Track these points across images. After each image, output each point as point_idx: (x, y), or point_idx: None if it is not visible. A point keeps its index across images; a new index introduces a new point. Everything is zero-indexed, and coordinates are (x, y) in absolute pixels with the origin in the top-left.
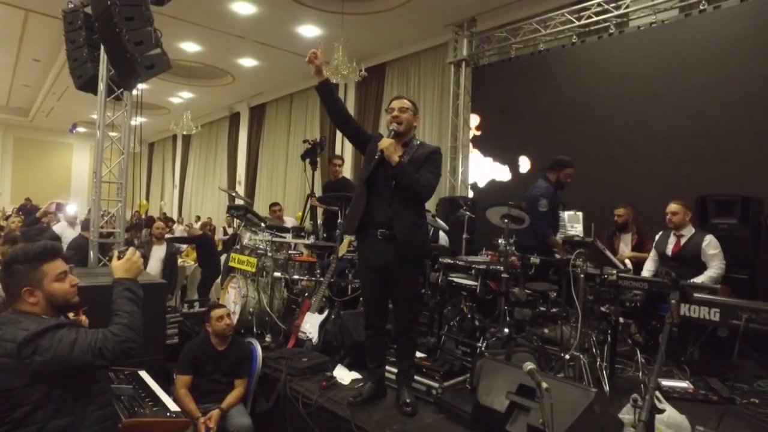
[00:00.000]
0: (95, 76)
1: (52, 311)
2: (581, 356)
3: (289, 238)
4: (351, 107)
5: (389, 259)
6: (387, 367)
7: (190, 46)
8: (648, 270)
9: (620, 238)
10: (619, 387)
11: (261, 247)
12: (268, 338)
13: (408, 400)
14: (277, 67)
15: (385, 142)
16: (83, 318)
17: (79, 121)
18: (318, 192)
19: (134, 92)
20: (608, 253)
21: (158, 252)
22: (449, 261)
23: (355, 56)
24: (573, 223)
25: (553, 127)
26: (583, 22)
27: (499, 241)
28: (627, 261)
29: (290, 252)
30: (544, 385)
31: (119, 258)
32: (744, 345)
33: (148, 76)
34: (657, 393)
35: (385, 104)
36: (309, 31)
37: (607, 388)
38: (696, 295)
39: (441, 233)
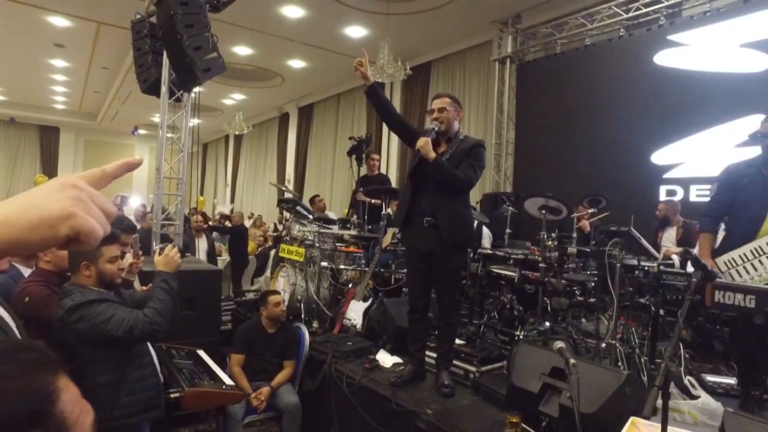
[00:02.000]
0: (158, 80)
1: (100, 285)
2: (617, 344)
3: (335, 229)
4: (397, 106)
5: (434, 246)
6: (427, 352)
7: (242, 50)
8: None
9: (664, 231)
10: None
11: (309, 238)
12: (315, 324)
13: (446, 382)
14: (324, 67)
15: (421, 142)
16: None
17: (139, 123)
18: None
19: (192, 95)
20: (644, 242)
21: (202, 245)
22: (489, 251)
23: (401, 55)
24: None
25: (595, 122)
26: (631, 14)
27: (541, 233)
28: (674, 256)
29: (336, 243)
30: (572, 361)
31: (160, 254)
32: None
33: (205, 78)
34: (693, 380)
35: (431, 103)
36: (355, 32)
37: (645, 379)
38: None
39: (484, 229)
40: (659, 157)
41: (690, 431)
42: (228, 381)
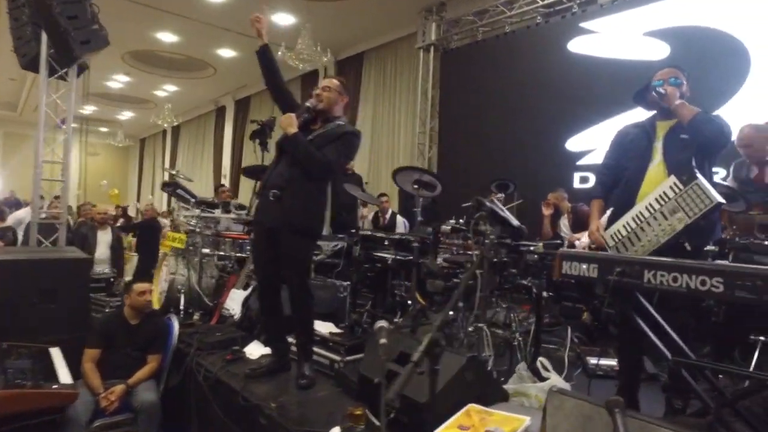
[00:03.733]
0: (39, 55)
1: None
2: (484, 327)
3: (218, 214)
4: None
5: (277, 223)
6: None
7: (166, 36)
8: None
9: (559, 221)
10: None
11: (192, 223)
12: (196, 316)
13: (306, 373)
14: (256, 57)
15: (284, 117)
16: None
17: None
18: None
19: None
20: (507, 213)
21: (104, 237)
22: (367, 232)
23: (332, 46)
24: None
25: (515, 109)
26: (547, 1)
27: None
28: (577, 242)
29: (218, 228)
30: (382, 341)
31: None
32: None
33: (83, 51)
34: (545, 362)
35: (363, 95)
36: (283, 19)
37: (524, 365)
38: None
39: (399, 218)
40: (573, 144)
41: (521, 414)
42: (66, 380)
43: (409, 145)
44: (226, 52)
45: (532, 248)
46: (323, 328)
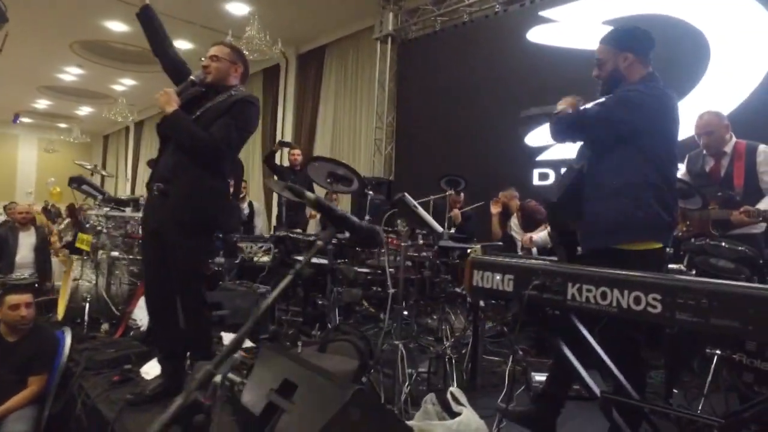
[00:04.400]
0: None
1: None
2: (399, 346)
3: (129, 212)
4: (290, 92)
5: (163, 223)
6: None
7: (116, 25)
8: None
9: (509, 221)
10: (483, 383)
11: (100, 223)
12: (104, 327)
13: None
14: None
15: (160, 92)
16: None
17: (21, 110)
18: None
19: None
20: (421, 210)
21: (27, 239)
22: (282, 233)
23: (293, 40)
24: None
25: (474, 102)
26: None
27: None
28: (535, 236)
29: (129, 229)
30: (207, 367)
31: None
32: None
33: None
34: (458, 394)
35: (325, 89)
36: (238, 8)
37: (455, 383)
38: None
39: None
40: (533, 138)
41: None
42: None
43: (371, 141)
44: (183, 44)
45: (468, 251)
46: None
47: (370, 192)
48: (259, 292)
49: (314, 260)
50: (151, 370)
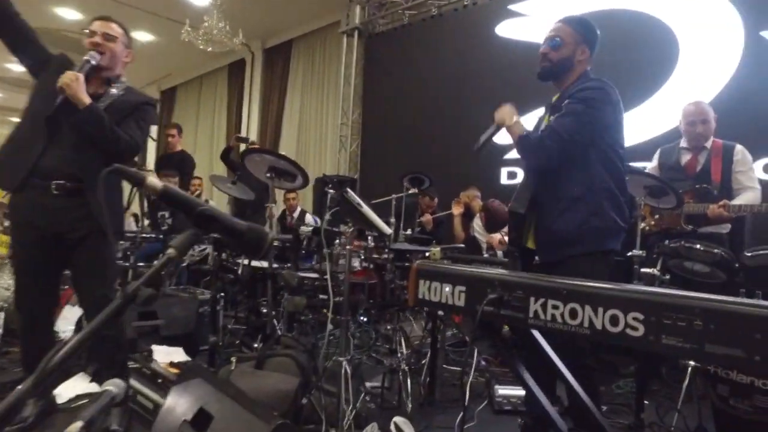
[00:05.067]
0: None
1: None
2: (343, 362)
3: None
4: (256, 87)
5: (66, 224)
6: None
7: (67, 13)
8: None
9: (472, 222)
10: (442, 398)
11: None
12: None
13: (111, 427)
14: (176, 43)
15: (68, 77)
16: None
17: None
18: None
19: None
20: (366, 209)
21: None
22: (218, 235)
23: (259, 34)
24: None
25: (442, 98)
26: None
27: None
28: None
29: None
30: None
31: None
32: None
33: None
34: (401, 423)
35: (292, 84)
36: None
37: (409, 405)
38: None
39: (309, 217)
40: (501, 136)
41: None
42: None
43: (337, 137)
44: (143, 36)
45: (427, 254)
46: (165, 356)
47: (331, 191)
48: (201, 298)
49: (254, 264)
50: (71, 387)
